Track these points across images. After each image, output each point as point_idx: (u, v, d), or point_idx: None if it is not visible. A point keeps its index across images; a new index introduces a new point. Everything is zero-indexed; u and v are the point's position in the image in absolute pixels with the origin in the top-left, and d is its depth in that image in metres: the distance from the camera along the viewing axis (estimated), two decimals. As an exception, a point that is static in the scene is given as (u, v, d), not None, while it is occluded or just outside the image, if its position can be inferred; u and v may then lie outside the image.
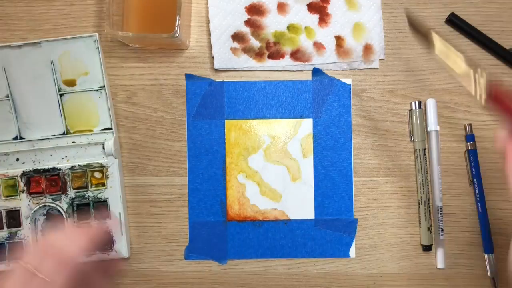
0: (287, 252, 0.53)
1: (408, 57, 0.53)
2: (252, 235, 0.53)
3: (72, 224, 0.49)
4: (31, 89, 0.51)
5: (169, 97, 0.53)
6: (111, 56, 0.53)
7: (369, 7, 0.52)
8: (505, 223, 0.52)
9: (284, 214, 0.53)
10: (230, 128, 0.53)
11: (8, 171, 0.51)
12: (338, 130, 0.52)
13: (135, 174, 0.53)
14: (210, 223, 0.53)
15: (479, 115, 0.52)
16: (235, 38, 0.52)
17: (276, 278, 0.53)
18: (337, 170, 0.52)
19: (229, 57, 0.52)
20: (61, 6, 0.53)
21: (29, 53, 0.50)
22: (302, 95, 0.53)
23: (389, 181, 0.53)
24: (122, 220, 0.51)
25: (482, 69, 0.37)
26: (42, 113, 0.51)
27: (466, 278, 0.52)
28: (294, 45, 0.52)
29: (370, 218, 0.53)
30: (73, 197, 0.51)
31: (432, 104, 0.52)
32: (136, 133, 0.53)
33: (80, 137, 0.52)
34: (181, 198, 0.53)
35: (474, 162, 0.52)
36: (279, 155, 0.53)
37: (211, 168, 0.53)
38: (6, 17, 0.53)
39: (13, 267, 0.42)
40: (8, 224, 0.51)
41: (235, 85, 0.53)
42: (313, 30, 0.52)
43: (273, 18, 0.52)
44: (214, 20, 0.52)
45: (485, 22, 0.52)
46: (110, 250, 0.51)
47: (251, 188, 0.53)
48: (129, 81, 0.53)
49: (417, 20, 0.44)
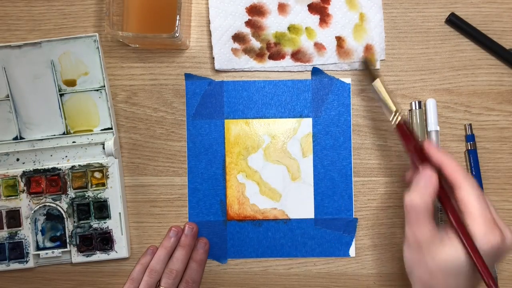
0: (287, 252, 0.53)
1: (408, 57, 0.53)
2: (252, 234, 0.53)
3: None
4: (31, 89, 0.51)
5: (169, 97, 0.53)
6: (111, 56, 0.53)
7: (370, 8, 0.52)
8: (505, 223, 0.52)
9: (284, 213, 0.53)
10: (230, 128, 0.53)
11: (8, 171, 0.51)
12: (338, 130, 0.53)
13: (135, 174, 0.53)
14: (210, 222, 0.53)
15: (479, 115, 0.52)
16: (236, 39, 0.52)
17: (276, 278, 0.53)
18: (336, 169, 0.52)
19: (230, 58, 0.52)
20: (61, 6, 0.53)
21: (29, 53, 0.50)
22: (301, 95, 0.53)
23: (389, 181, 0.53)
24: (122, 220, 0.51)
25: (402, 110, 0.44)
26: (42, 113, 0.51)
27: (466, 278, 0.52)
28: (294, 45, 0.52)
29: (370, 218, 0.53)
30: (73, 197, 0.51)
31: (432, 104, 0.52)
32: (136, 133, 0.53)
33: (80, 137, 0.52)
34: (181, 198, 0.53)
35: (474, 162, 0.52)
36: (279, 154, 0.53)
37: (211, 167, 0.53)
38: (6, 17, 0.53)
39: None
40: (8, 224, 0.51)
41: (234, 84, 0.53)
42: (313, 31, 0.52)
43: (273, 19, 0.52)
44: (215, 21, 0.52)
45: (485, 22, 0.52)
46: (110, 250, 0.51)
47: (251, 188, 0.53)
48: (129, 81, 0.53)
49: (371, 66, 0.50)
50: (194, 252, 0.51)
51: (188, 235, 0.51)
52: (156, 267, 0.48)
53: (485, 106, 0.52)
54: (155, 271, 0.48)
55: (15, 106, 0.51)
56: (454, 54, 0.52)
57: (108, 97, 0.51)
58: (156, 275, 0.48)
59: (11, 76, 0.51)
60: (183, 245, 0.50)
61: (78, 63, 0.51)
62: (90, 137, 0.52)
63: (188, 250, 0.50)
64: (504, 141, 0.52)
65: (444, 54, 0.52)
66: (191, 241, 0.51)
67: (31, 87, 0.51)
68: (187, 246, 0.50)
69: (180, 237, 0.51)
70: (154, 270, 0.48)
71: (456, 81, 0.52)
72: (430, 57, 0.53)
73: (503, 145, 0.52)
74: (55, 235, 0.52)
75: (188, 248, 0.50)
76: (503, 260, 0.52)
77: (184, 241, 0.50)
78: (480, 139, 0.52)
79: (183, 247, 0.50)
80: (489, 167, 0.52)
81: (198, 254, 0.51)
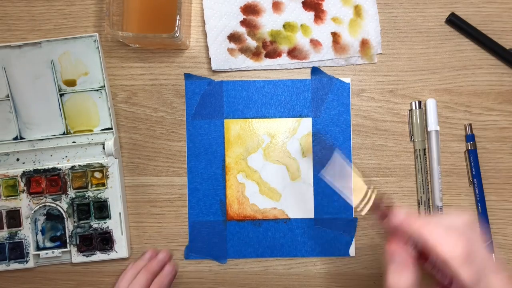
0: (287, 251, 0.53)
1: (408, 57, 0.53)
2: (251, 234, 0.53)
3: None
4: (31, 89, 0.51)
5: (169, 97, 0.53)
6: (111, 56, 0.53)
7: (364, 2, 0.52)
8: (505, 223, 0.52)
9: (284, 213, 0.53)
10: (230, 128, 0.53)
11: (8, 171, 0.51)
12: (338, 129, 0.52)
13: (135, 174, 0.53)
14: (210, 222, 0.53)
15: (479, 115, 0.52)
16: (232, 38, 0.52)
17: (276, 278, 0.53)
18: (336, 169, 0.52)
19: (226, 58, 0.52)
20: (61, 6, 0.53)
21: (29, 53, 0.50)
22: (301, 94, 0.53)
23: (389, 181, 0.53)
24: (122, 220, 0.51)
25: (373, 188, 0.42)
26: (42, 113, 0.52)
27: (466, 278, 0.52)
28: (290, 43, 0.52)
29: (370, 218, 0.53)
30: (73, 197, 0.51)
31: (432, 104, 0.52)
32: (136, 133, 0.53)
33: (80, 137, 0.52)
34: (181, 198, 0.53)
35: (474, 162, 0.51)
36: (279, 154, 0.53)
37: (211, 167, 0.53)
38: (6, 17, 0.53)
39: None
40: (8, 224, 0.51)
41: (234, 84, 0.53)
42: (309, 28, 0.52)
43: (268, 17, 0.52)
44: (210, 22, 0.52)
45: (485, 22, 0.52)
46: (110, 250, 0.52)
47: (251, 188, 0.53)
48: (129, 81, 0.53)
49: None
50: (158, 276, 0.49)
51: (157, 260, 0.50)
52: (120, 285, 0.48)
53: (485, 106, 0.52)
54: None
55: (15, 106, 0.51)
56: (454, 54, 0.52)
57: (108, 97, 0.51)
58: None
59: (11, 76, 0.51)
60: (147, 270, 0.49)
61: (78, 63, 0.51)
62: (90, 137, 0.52)
63: (151, 276, 0.48)
64: (504, 141, 0.52)
65: (444, 54, 0.52)
66: (156, 267, 0.49)
67: (31, 87, 0.51)
68: (150, 271, 0.49)
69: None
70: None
71: (456, 81, 0.52)
72: (430, 57, 0.53)
73: (503, 145, 0.52)
74: (55, 235, 0.52)
75: (150, 273, 0.48)
76: (503, 260, 0.52)
77: (149, 265, 0.49)
78: (480, 139, 0.52)
79: (147, 272, 0.48)
80: (489, 167, 0.52)
81: (161, 276, 0.49)
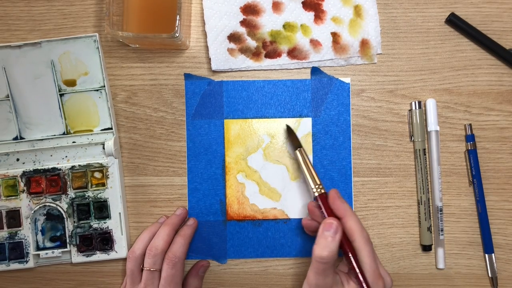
0: (287, 251, 0.53)
1: (408, 57, 0.53)
2: (251, 234, 0.53)
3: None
4: (31, 89, 0.51)
5: (169, 97, 0.53)
6: (111, 56, 0.53)
7: (364, 2, 0.52)
8: (505, 223, 0.52)
9: (284, 213, 0.53)
10: (230, 128, 0.53)
11: (8, 171, 0.51)
12: (337, 129, 0.52)
13: (135, 174, 0.53)
14: (210, 222, 0.53)
15: (479, 115, 0.52)
16: (231, 38, 0.52)
17: (276, 278, 0.53)
18: (336, 169, 0.52)
19: (226, 58, 0.52)
20: (61, 6, 0.53)
21: (29, 53, 0.50)
22: (301, 94, 0.53)
23: (389, 181, 0.53)
24: (122, 220, 0.51)
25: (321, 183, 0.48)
26: (42, 113, 0.52)
27: (466, 278, 0.52)
28: (290, 43, 0.52)
29: (370, 218, 0.53)
30: (73, 197, 0.51)
31: (432, 104, 0.52)
32: (136, 133, 0.53)
33: (80, 137, 0.52)
34: (181, 198, 0.53)
35: (474, 162, 0.51)
36: (279, 154, 0.53)
37: (211, 167, 0.53)
38: (6, 17, 0.53)
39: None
40: (8, 224, 0.51)
41: (234, 84, 0.53)
42: (309, 28, 0.52)
43: (268, 17, 0.52)
44: (210, 22, 0.52)
45: (485, 22, 0.52)
46: (110, 250, 0.52)
47: (251, 188, 0.53)
48: (129, 81, 0.53)
49: (293, 133, 0.52)
50: (180, 229, 0.50)
51: (175, 215, 0.50)
52: (137, 252, 0.48)
53: (485, 106, 0.52)
54: (135, 258, 0.48)
55: (15, 106, 0.51)
56: (454, 54, 0.52)
57: (108, 97, 0.51)
58: (139, 261, 0.48)
59: (11, 76, 0.51)
60: (167, 223, 0.49)
61: (78, 63, 0.51)
62: (90, 137, 0.52)
63: (172, 228, 0.49)
64: (504, 141, 0.52)
65: (444, 54, 0.52)
66: (176, 221, 0.50)
67: (31, 87, 0.51)
68: (171, 224, 0.49)
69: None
70: (134, 257, 0.48)
71: (456, 81, 0.52)
72: (430, 57, 0.53)
73: (503, 145, 0.52)
74: (55, 235, 0.52)
75: (171, 226, 0.49)
76: (503, 260, 0.52)
77: (168, 220, 0.50)
78: (480, 139, 0.52)
79: (168, 225, 0.49)
80: (489, 167, 0.52)
81: (182, 230, 0.50)
